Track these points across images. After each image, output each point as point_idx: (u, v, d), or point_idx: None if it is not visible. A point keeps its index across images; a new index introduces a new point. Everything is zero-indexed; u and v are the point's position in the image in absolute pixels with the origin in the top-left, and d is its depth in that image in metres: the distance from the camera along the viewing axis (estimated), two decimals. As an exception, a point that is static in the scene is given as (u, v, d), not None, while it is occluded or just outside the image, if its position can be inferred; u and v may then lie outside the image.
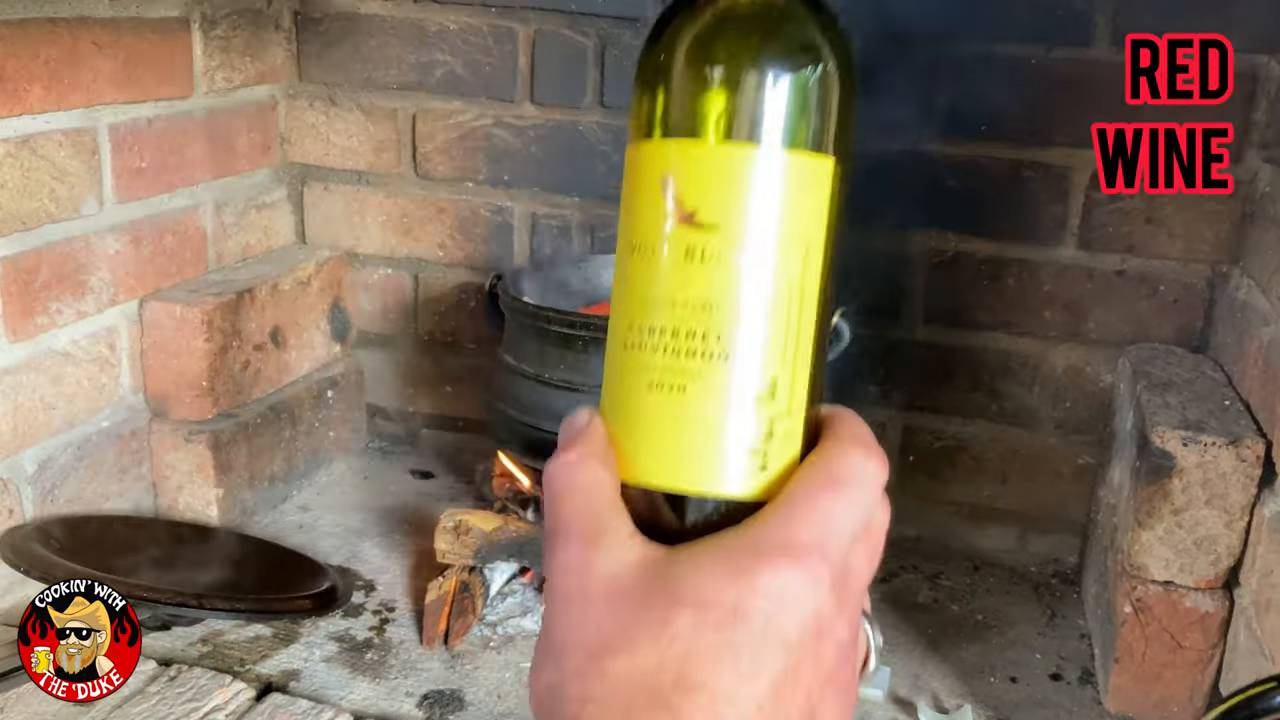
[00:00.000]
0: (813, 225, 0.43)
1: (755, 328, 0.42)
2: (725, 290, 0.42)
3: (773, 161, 0.42)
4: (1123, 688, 1.25)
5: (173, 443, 1.51)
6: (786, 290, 0.42)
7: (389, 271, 1.80)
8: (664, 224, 0.42)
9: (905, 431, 1.61)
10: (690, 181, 0.42)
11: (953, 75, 1.46)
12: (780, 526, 0.40)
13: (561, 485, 0.42)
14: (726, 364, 0.42)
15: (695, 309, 0.42)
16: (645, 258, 0.43)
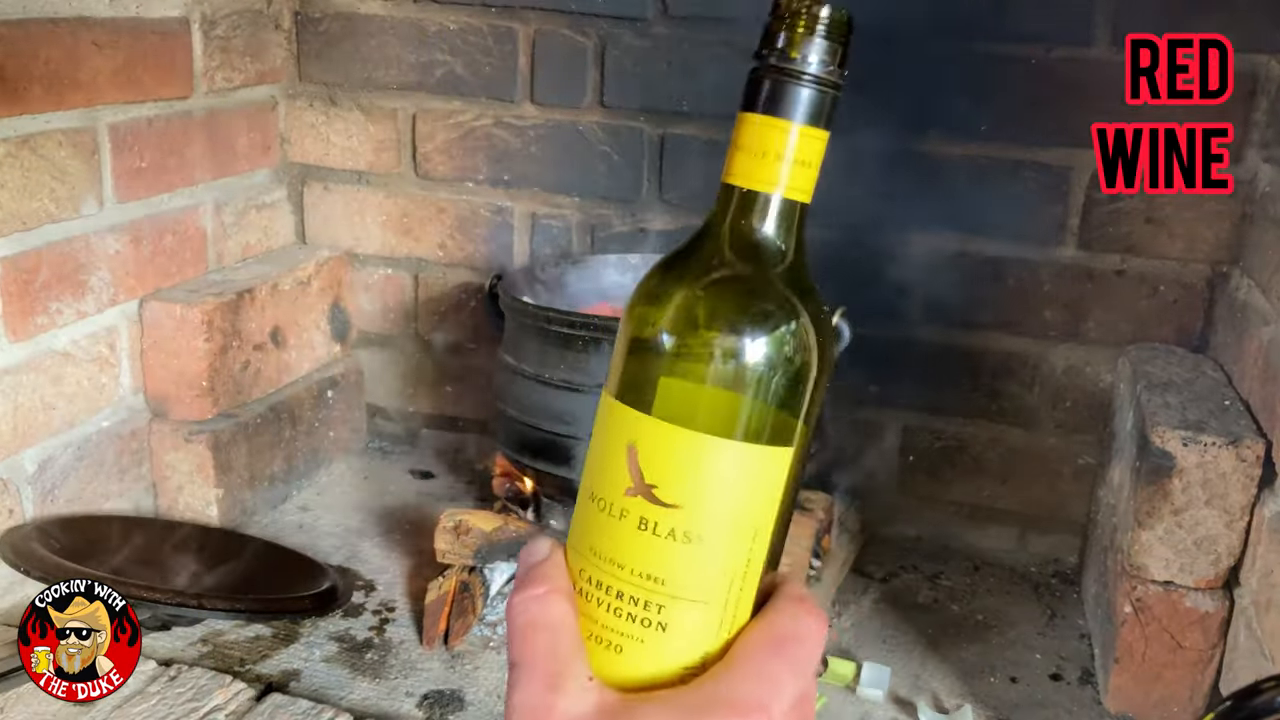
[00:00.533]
0: (766, 510, 0.44)
1: (695, 610, 0.43)
2: (673, 567, 0.43)
3: (735, 455, 0.43)
4: (1123, 688, 1.25)
5: (173, 443, 1.51)
6: (731, 572, 0.44)
7: (389, 271, 1.80)
8: (624, 488, 0.43)
9: (905, 431, 1.61)
10: (653, 457, 0.43)
11: (953, 75, 1.46)
12: (727, 683, 0.42)
13: (527, 620, 0.44)
14: (664, 636, 0.43)
15: (641, 578, 0.43)
16: (603, 513, 0.44)
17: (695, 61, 1.55)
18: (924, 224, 1.52)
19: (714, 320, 0.45)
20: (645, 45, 1.57)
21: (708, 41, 1.54)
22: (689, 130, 1.58)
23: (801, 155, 0.47)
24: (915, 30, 1.44)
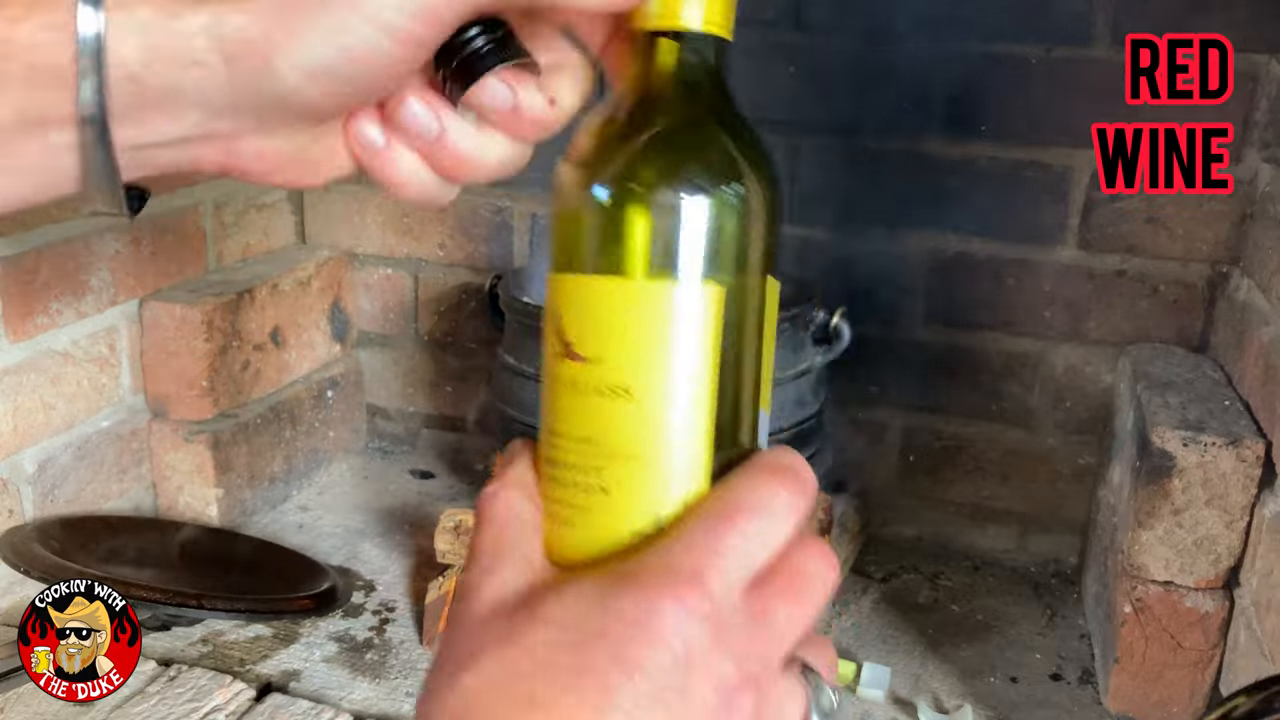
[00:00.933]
0: (698, 354, 0.41)
1: (633, 466, 0.41)
2: (603, 424, 0.41)
3: (638, 293, 0.41)
4: (1123, 688, 1.25)
5: (173, 443, 1.51)
6: (666, 424, 0.41)
7: (389, 271, 1.80)
8: (555, 355, 0.42)
9: (905, 431, 1.61)
10: (569, 313, 0.42)
11: (953, 74, 1.46)
12: (661, 555, 0.39)
13: (481, 515, 0.43)
14: (608, 500, 0.41)
15: (577, 442, 0.42)
16: (546, 389, 0.43)
17: (695, 61, 1.55)
18: (923, 224, 1.52)
19: (629, 165, 0.43)
20: (645, 45, 1.56)
21: (708, 41, 1.54)
22: (689, 130, 1.58)
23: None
24: (914, 30, 1.44)
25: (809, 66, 1.49)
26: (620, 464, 0.41)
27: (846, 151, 1.50)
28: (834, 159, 1.51)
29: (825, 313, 1.31)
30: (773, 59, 1.51)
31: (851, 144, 1.50)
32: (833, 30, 1.47)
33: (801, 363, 1.30)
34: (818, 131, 1.51)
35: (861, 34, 1.46)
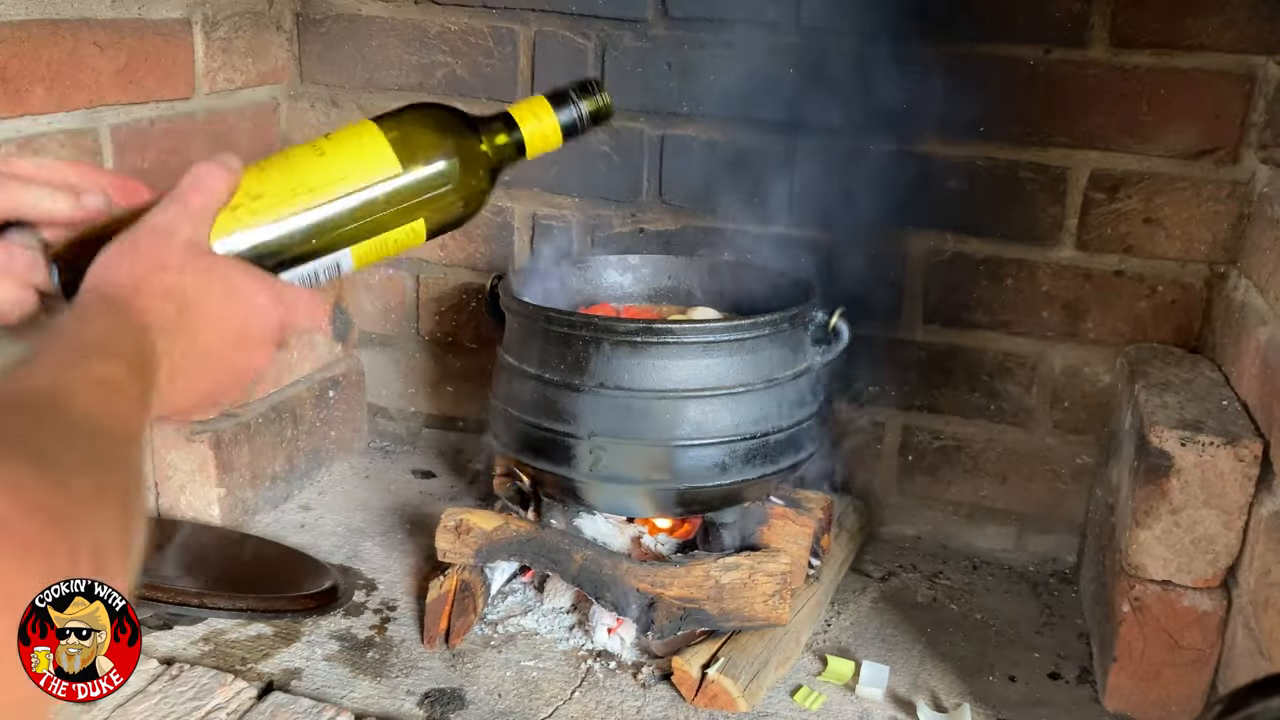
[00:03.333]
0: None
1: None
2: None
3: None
4: (1121, 687, 1.25)
5: (174, 442, 1.52)
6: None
7: (390, 272, 1.81)
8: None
9: (904, 431, 1.61)
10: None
11: (951, 76, 1.46)
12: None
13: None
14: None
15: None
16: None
17: (695, 63, 1.55)
18: (922, 224, 1.52)
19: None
20: (645, 46, 1.57)
21: (707, 43, 1.54)
22: (689, 130, 1.59)
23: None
24: (914, 31, 1.44)
25: (809, 66, 1.50)
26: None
27: (845, 151, 1.51)
28: (833, 159, 1.52)
29: (824, 313, 1.32)
30: (773, 59, 1.51)
31: (851, 144, 1.50)
32: (833, 30, 1.48)
33: (801, 363, 1.30)
34: (817, 132, 1.51)
35: (861, 34, 1.46)
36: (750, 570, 1.25)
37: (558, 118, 0.91)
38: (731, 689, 1.21)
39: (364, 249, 0.83)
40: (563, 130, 0.91)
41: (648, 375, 1.23)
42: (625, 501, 1.32)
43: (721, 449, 1.25)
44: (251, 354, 0.68)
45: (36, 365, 0.53)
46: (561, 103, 0.91)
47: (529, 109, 0.90)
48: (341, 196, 0.81)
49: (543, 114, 0.90)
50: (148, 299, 0.63)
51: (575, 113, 0.91)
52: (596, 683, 1.27)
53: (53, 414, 0.49)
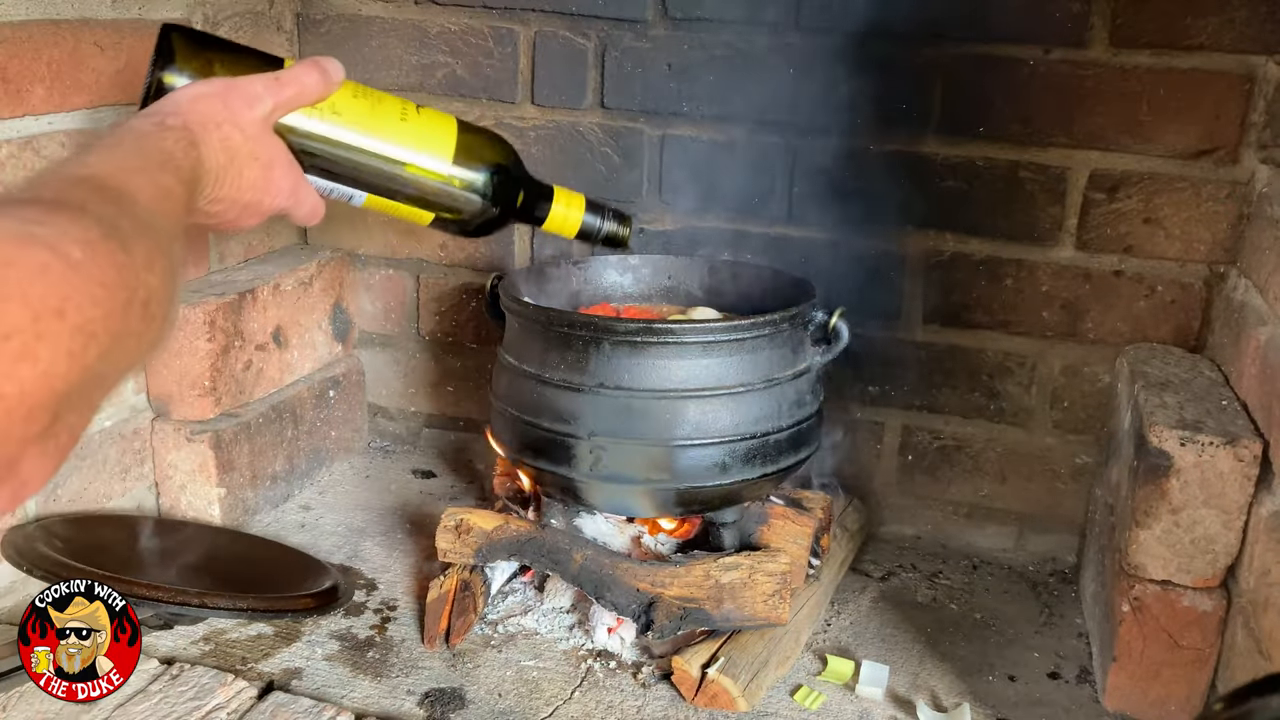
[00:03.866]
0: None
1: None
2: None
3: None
4: (1120, 687, 1.25)
5: (175, 442, 1.52)
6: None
7: (390, 272, 1.81)
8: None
9: (904, 431, 1.62)
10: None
11: (951, 76, 1.46)
12: None
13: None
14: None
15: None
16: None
17: (695, 63, 1.55)
18: (922, 224, 1.53)
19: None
20: (645, 47, 1.57)
21: (707, 43, 1.54)
22: (689, 131, 1.59)
23: None
24: (913, 31, 1.45)
25: (809, 66, 1.50)
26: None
27: (845, 152, 1.51)
28: (833, 159, 1.52)
29: (824, 313, 1.32)
30: (773, 59, 1.51)
31: (850, 144, 1.51)
32: (833, 30, 1.48)
33: (800, 363, 1.30)
34: (817, 132, 1.52)
35: (861, 34, 1.46)
36: (750, 570, 1.25)
37: (584, 217, 1.08)
38: (731, 688, 1.21)
39: (378, 201, 1.00)
40: (580, 228, 1.09)
41: (648, 375, 1.23)
42: (625, 501, 1.32)
43: (721, 449, 1.25)
44: (251, 216, 0.88)
45: (117, 155, 0.68)
46: (595, 211, 1.09)
47: (567, 197, 1.08)
48: (394, 159, 0.96)
49: (575, 208, 1.08)
50: (213, 143, 0.80)
51: (598, 224, 1.08)
52: (597, 682, 1.27)
53: (123, 199, 0.61)
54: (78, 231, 0.52)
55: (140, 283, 0.54)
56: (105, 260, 0.52)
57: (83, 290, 0.50)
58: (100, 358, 0.51)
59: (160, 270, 0.57)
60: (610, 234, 1.11)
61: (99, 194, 0.60)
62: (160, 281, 0.57)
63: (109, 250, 0.53)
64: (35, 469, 0.51)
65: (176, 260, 0.63)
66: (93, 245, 0.52)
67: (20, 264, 0.47)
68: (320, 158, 0.95)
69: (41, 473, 0.52)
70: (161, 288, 0.57)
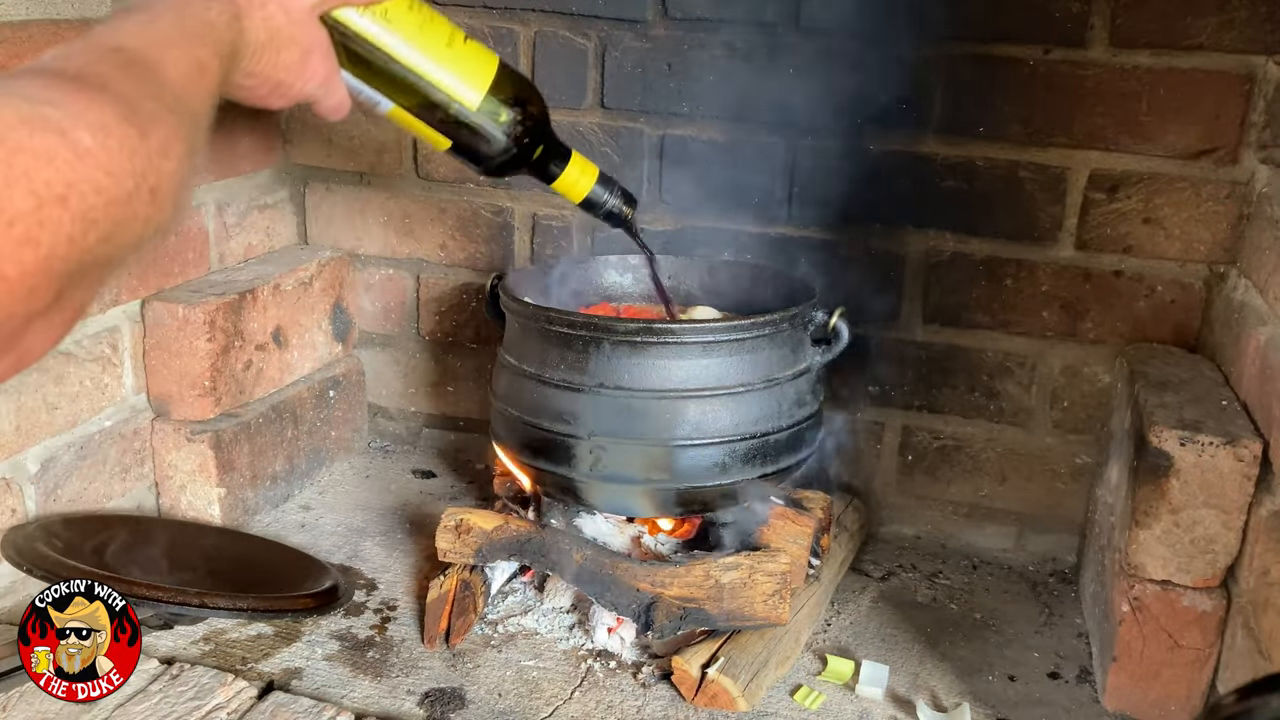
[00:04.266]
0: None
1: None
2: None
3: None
4: (1120, 686, 1.26)
5: (175, 442, 1.52)
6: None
7: (390, 272, 1.81)
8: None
9: (903, 431, 1.62)
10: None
11: (950, 76, 1.46)
12: None
13: None
14: None
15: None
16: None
17: (695, 63, 1.55)
18: (921, 224, 1.53)
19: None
20: (645, 47, 1.57)
21: (707, 43, 1.54)
22: (689, 131, 1.59)
23: None
24: (913, 31, 1.45)
25: (809, 66, 1.50)
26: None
27: (845, 152, 1.51)
28: (832, 159, 1.52)
29: (824, 313, 1.32)
30: (773, 59, 1.51)
31: (850, 144, 1.50)
32: (832, 30, 1.48)
33: (800, 362, 1.30)
34: (817, 132, 1.52)
35: (861, 34, 1.46)
36: (750, 570, 1.25)
37: (594, 187, 1.14)
38: (731, 688, 1.21)
39: (402, 115, 1.01)
40: (587, 196, 1.14)
41: (648, 375, 1.23)
42: (625, 501, 1.32)
43: (721, 449, 1.25)
44: (281, 98, 0.88)
45: (158, 25, 0.67)
46: (606, 185, 1.15)
47: (583, 164, 1.13)
48: (430, 78, 0.98)
49: (587, 175, 1.14)
50: (256, 20, 0.81)
51: (604, 197, 1.14)
52: (596, 682, 1.27)
53: (151, 76, 0.61)
54: (93, 115, 0.52)
55: (151, 169, 0.55)
56: (116, 146, 0.53)
57: (87, 178, 0.50)
58: (101, 241, 0.52)
59: (176, 155, 0.58)
60: (614, 210, 1.16)
61: (127, 69, 0.60)
62: (175, 166, 0.57)
63: (123, 136, 0.53)
64: (38, 340, 0.53)
65: (198, 141, 0.63)
66: (106, 130, 0.52)
67: (28, 150, 0.48)
68: (359, 58, 0.95)
69: (45, 344, 0.54)
70: (175, 173, 0.57)
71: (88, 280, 0.54)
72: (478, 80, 1.01)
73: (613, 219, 1.17)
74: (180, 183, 0.58)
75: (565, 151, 1.12)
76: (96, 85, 0.56)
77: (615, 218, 1.17)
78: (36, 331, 0.52)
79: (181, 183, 0.58)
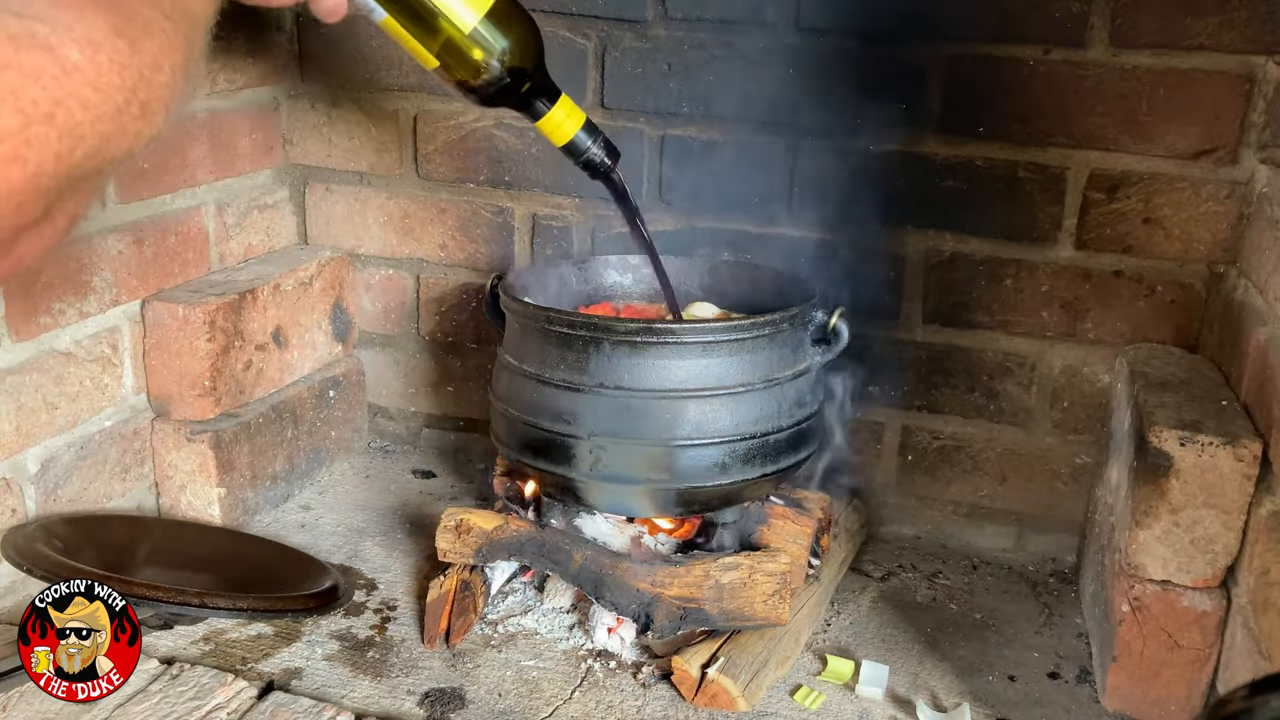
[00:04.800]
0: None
1: None
2: None
3: None
4: (1120, 686, 1.26)
5: (175, 442, 1.52)
6: None
7: (390, 272, 1.81)
8: None
9: (903, 431, 1.62)
10: None
11: (950, 76, 1.46)
12: None
13: None
14: None
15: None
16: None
17: (695, 63, 1.55)
18: (921, 224, 1.53)
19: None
20: (645, 47, 1.57)
21: (707, 43, 1.54)
22: (689, 131, 1.59)
23: None
24: (913, 31, 1.45)
25: (808, 67, 1.50)
26: None
27: (845, 152, 1.51)
28: (832, 159, 1.52)
29: (824, 313, 1.32)
30: (772, 59, 1.51)
31: (850, 144, 1.50)
32: (832, 30, 1.48)
33: (800, 362, 1.30)
34: (816, 132, 1.52)
35: (860, 35, 1.46)
36: (750, 570, 1.25)
37: (577, 132, 1.11)
38: (731, 688, 1.21)
39: (393, 26, 1.00)
40: (570, 141, 1.11)
41: (648, 375, 1.23)
42: (625, 501, 1.32)
43: (721, 449, 1.25)
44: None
45: None
46: (591, 133, 1.12)
47: (570, 108, 1.10)
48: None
49: (573, 120, 1.11)
50: None
51: (586, 144, 1.11)
52: (596, 682, 1.27)
53: None
54: (82, 29, 0.52)
55: (142, 83, 0.54)
56: (106, 62, 0.52)
57: (74, 94, 0.50)
58: (89, 156, 0.52)
59: (170, 67, 0.57)
60: (594, 159, 1.13)
61: None
62: (167, 79, 0.57)
63: (113, 50, 0.53)
64: (30, 248, 0.53)
65: (198, 46, 0.63)
66: (95, 45, 0.52)
67: (16, 67, 0.48)
68: None
69: (37, 251, 0.54)
70: (167, 85, 0.57)
71: (77, 193, 0.54)
72: (473, 4, 1.00)
73: (591, 168, 1.15)
74: (173, 94, 0.57)
75: (555, 92, 1.10)
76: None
77: (594, 168, 1.14)
78: (26, 242, 0.53)
79: (174, 94, 0.58)
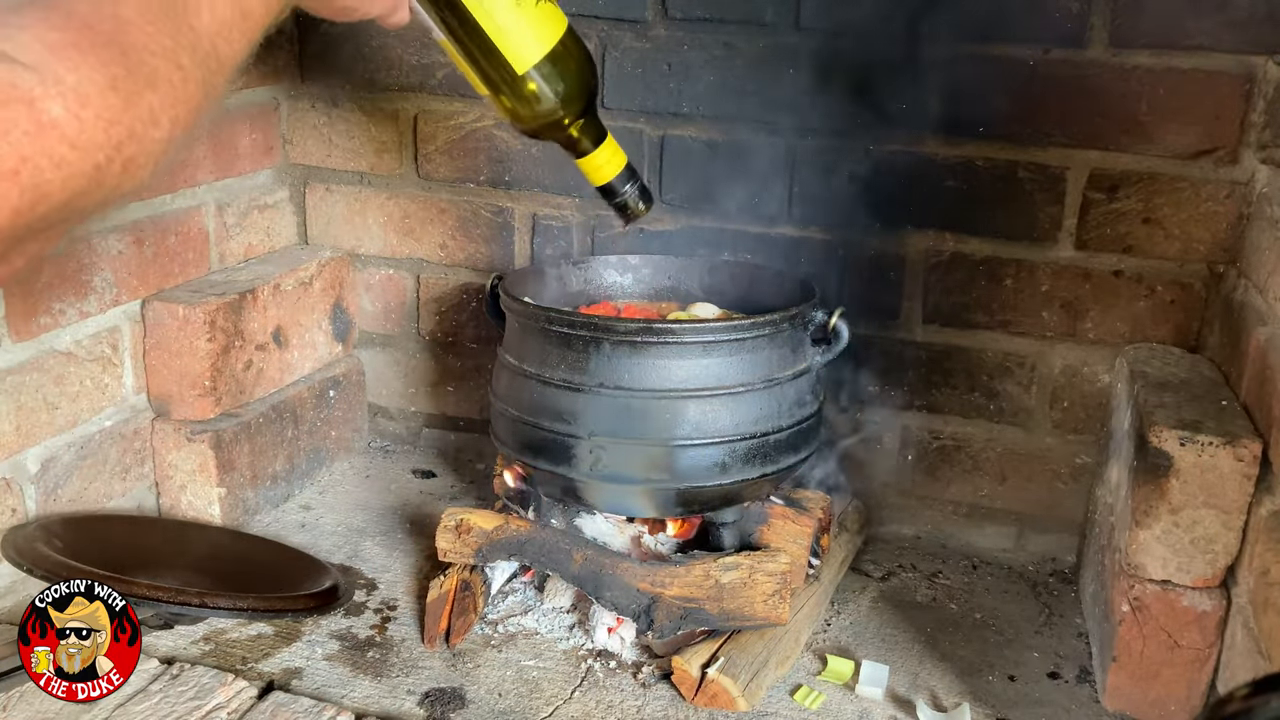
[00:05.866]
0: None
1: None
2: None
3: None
4: (1120, 686, 1.26)
5: (175, 442, 1.52)
6: None
7: (390, 272, 1.81)
8: None
9: (903, 431, 1.62)
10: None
11: (950, 76, 1.46)
12: None
13: None
14: None
15: None
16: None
17: (695, 63, 1.55)
18: (922, 224, 1.53)
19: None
20: (645, 47, 1.57)
21: (707, 43, 1.54)
22: (689, 131, 1.59)
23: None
24: (913, 31, 1.45)
25: (808, 66, 1.50)
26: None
27: (844, 152, 1.51)
28: (832, 159, 1.52)
29: (824, 313, 1.32)
30: (773, 60, 1.51)
31: (850, 144, 1.51)
32: (832, 30, 1.48)
33: (800, 363, 1.30)
34: (816, 132, 1.52)
35: (860, 35, 1.46)
36: (750, 570, 1.25)
37: (615, 175, 1.12)
38: (731, 688, 1.21)
39: (451, 49, 1.02)
40: (607, 183, 1.12)
41: (648, 375, 1.23)
42: (625, 501, 1.32)
43: (721, 449, 1.25)
44: (348, 15, 0.90)
45: None
46: (629, 178, 1.13)
47: (615, 150, 1.11)
48: (487, 29, 0.99)
49: (614, 164, 1.11)
50: None
51: (623, 189, 1.12)
52: (596, 682, 1.27)
53: (180, 19, 0.58)
54: (74, 80, 0.50)
55: (131, 139, 0.53)
56: (91, 117, 0.50)
57: (46, 152, 0.49)
58: (56, 210, 0.50)
59: (170, 120, 0.55)
60: (626, 203, 1.14)
61: (147, 13, 0.56)
62: (163, 134, 0.55)
63: (102, 105, 0.51)
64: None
65: (215, 94, 0.60)
66: (83, 100, 0.50)
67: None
68: None
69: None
70: (161, 140, 0.55)
71: (40, 239, 0.53)
72: (532, 46, 1.00)
73: (624, 212, 1.15)
74: (166, 149, 0.55)
75: (601, 134, 1.11)
76: (103, 34, 0.53)
77: (626, 212, 1.15)
78: None
79: (169, 148, 0.56)
